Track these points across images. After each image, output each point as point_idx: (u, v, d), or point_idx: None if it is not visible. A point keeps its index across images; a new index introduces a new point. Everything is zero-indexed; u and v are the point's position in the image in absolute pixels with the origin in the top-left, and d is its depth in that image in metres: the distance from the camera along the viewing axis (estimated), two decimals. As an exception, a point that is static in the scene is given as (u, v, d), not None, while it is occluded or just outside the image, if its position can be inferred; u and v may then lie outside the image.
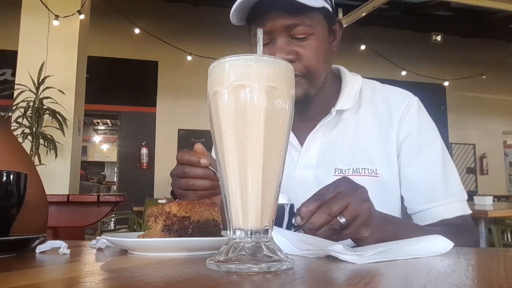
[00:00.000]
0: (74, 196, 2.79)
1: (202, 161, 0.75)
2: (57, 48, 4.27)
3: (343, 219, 0.61)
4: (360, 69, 1.28)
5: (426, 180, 0.89)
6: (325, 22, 0.89)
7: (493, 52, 8.59)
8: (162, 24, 7.24)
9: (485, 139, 9.41)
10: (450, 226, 0.86)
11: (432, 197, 0.88)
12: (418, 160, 0.90)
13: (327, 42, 0.91)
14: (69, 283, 0.37)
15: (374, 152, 0.91)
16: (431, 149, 0.92)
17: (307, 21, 0.84)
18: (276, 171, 0.48)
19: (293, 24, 0.84)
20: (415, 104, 0.94)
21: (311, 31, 0.85)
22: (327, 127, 0.95)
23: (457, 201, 0.89)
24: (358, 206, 0.62)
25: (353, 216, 0.62)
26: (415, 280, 0.39)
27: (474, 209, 3.50)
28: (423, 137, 0.92)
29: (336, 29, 0.95)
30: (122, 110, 7.78)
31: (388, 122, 0.93)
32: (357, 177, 0.89)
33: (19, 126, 3.88)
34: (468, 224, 0.89)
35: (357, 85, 0.97)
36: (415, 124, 0.92)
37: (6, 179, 0.62)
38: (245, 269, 0.42)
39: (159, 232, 0.59)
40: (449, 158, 0.94)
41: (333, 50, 0.95)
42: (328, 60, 0.92)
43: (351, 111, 0.95)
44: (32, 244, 0.59)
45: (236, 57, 0.46)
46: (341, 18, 5.68)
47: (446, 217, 0.87)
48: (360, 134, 0.93)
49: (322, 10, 0.87)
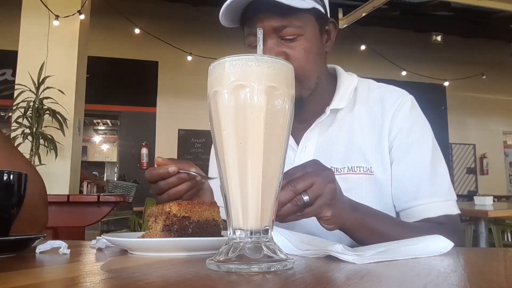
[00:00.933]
0: (74, 196, 2.79)
1: (170, 170, 0.77)
2: (57, 48, 4.27)
3: (307, 197, 0.63)
4: (360, 69, 1.28)
5: (413, 178, 0.89)
6: (316, 23, 0.89)
7: (493, 52, 8.59)
8: (162, 24, 7.24)
9: (485, 139, 9.41)
10: (431, 224, 0.86)
11: (417, 195, 0.88)
12: (406, 158, 0.90)
13: (319, 42, 0.91)
14: (69, 283, 0.37)
15: (369, 150, 0.91)
16: (421, 147, 0.91)
17: (296, 22, 0.85)
18: (276, 171, 0.48)
19: (282, 25, 0.84)
20: (408, 102, 0.94)
21: (300, 32, 0.85)
22: (322, 127, 0.96)
23: (443, 200, 0.89)
24: (322, 186, 0.64)
25: (316, 195, 0.64)
26: (415, 280, 0.39)
27: (474, 209, 3.51)
28: (413, 136, 0.91)
29: (330, 30, 0.95)
30: (122, 110, 7.78)
31: (382, 120, 0.93)
32: (352, 175, 0.90)
33: (19, 126, 3.88)
34: (453, 224, 0.88)
35: (352, 84, 0.97)
36: (407, 122, 0.92)
37: (6, 179, 0.62)
38: (245, 269, 0.42)
39: (159, 232, 0.59)
40: (439, 158, 0.93)
41: (326, 51, 0.95)
42: (320, 61, 0.92)
43: (346, 110, 0.96)
44: (32, 244, 0.59)
45: (236, 57, 0.46)
46: (341, 18, 5.68)
47: (430, 215, 0.87)
48: (355, 133, 0.93)
49: (312, 11, 0.87)
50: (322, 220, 0.67)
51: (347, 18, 5.63)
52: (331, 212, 0.66)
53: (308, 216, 0.65)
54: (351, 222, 0.71)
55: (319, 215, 0.66)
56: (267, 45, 0.86)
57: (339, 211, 0.68)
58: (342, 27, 5.69)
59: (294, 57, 0.85)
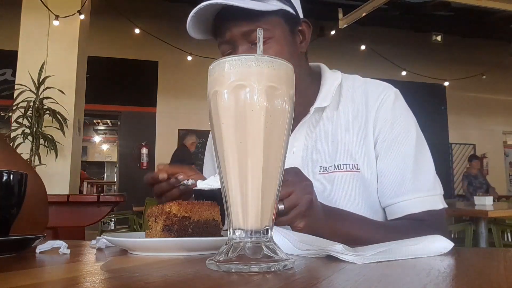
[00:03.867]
0: (74, 196, 2.79)
1: (160, 177, 0.84)
2: (57, 48, 4.27)
3: (282, 206, 0.64)
4: (360, 69, 1.28)
5: (396, 174, 0.89)
6: (285, 25, 0.89)
7: (493, 52, 8.59)
8: (162, 24, 7.24)
9: (485, 139, 9.42)
10: (412, 222, 0.86)
11: (399, 192, 0.88)
12: (390, 154, 0.90)
13: (291, 43, 0.90)
14: (69, 283, 0.37)
15: (354, 147, 0.91)
16: (405, 141, 0.90)
17: (264, 26, 0.83)
18: (276, 171, 0.48)
19: (249, 30, 0.85)
20: (392, 96, 0.93)
21: (269, 35, 0.85)
22: (309, 126, 0.96)
23: (426, 196, 0.88)
24: (299, 196, 0.65)
25: (292, 205, 0.65)
26: (415, 280, 0.39)
27: (474, 209, 3.51)
28: (396, 129, 0.90)
29: (303, 30, 0.94)
30: (122, 110, 7.79)
31: (366, 116, 0.92)
32: (339, 173, 0.89)
33: (19, 126, 3.89)
34: (436, 220, 0.87)
35: (336, 81, 0.97)
36: (389, 116, 0.91)
37: (6, 179, 0.62)
38: (245, 269, 0.42)
39: (159, 232, 0.59)
40: (424, 152, 0.92)
41: (302, 51, 0.95)
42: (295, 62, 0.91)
43: (331, 108, 0.95)
44: (32, 244, 0.59)
45: (236, 57, 0.46)
46: (341, 18, 5.68)
47: (412, 211, 0.87)
48: (340, 130, 0.93)
49: (280, 12, 0.87)
50: (295, 230, 0.68)
51: (347, 18, 5.64)
52: (304, 223, 0.68)
53: (281, 224, 0.66)
54: (323, 231, 0.70)
55: (292, 224, 0.68)
56: (239, 51, 0.87)
57: (312, 222, 0.69)
58: (342, 27, 5.69)
59: None
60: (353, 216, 0.83)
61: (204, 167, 1.14)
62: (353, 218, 0.82)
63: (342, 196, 0.87)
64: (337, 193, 0.88)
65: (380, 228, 0.84)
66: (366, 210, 0.88)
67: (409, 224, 0.85)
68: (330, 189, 0.73)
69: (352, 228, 0.78)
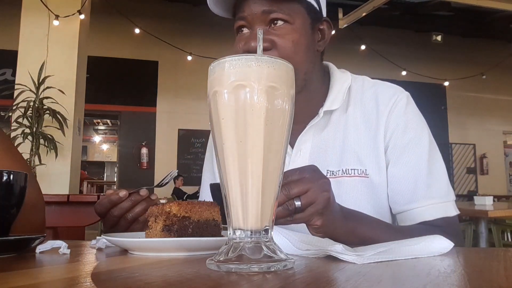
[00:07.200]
0: (74, 196, 2.79)
1: (121, 194, 0.79)
2: (57, 48, 4.28)
3: (299, 202, 0.63)
4: (360, 69, 1.27)
5: (409, 180, 0.87)
6: (307, 16, 0.87)
7: (493, 52, 8.59)
8: (162, 24, 7.25)
9: (485, 139, 9.42)
10: (427, 227, 0.84)
11: (413, 198, 0.86)
12: (402, 159, 0.88)
13: (309, 37, 0.88)
14: (69, 283, 0.37)
15: (363, 152, 0.89)
16: (417, 147, 0.89)
17: (285, 9, 0.83)
18: (276, 171, 0.48)
19: (270, 10, 0.83)
20: (403, 100, 0.91)
21: (288, 19, 0.84)
22: (316, 129, 0.93)
23: (440, 202, 0.86)
24: (316, 193, 0.63)
25: (309, 202, 0.63)
26: (415, 280, 0.39)
27: (474, 209, 3.51)
28: (409, 135, 0.89)
29: (324, 29, 0.93)
30: (122, 110, 7.79)
31: (376, 121, 0.91)
32: (347, 178, 0.87)
33: (19, 126, 3.89)
34: (451, 227, 0.86)
35: (346, 83, 0.95)
36: (402, 120, 0.89)
37: (6, 179, 0.62)
38: (245, 269, 0.42)
39: (159, 232, 0.59)
40: (436, 157, 0.90)
41: (319, 49, 0.92)
42: (309, 56, 0.89)
43: (340, 111, 0.93)
44: (32, 244, 0.59)
45: (236, 57, 0.46)
46: (341, 18, 5.68)
47: (427, 219, 0.85)
48: (349, 135, 0.91)
49: (304, 3, 0.86)
50: (312, 228, 0.67)
51: (347, 18, 5.64)
52: (321, 221, 0.66)
53: (298, 222, 0.65)
54: (341, 232, 0.69)
55: (309, 222, 0.66)
56: (255, 31, 0.84)
57: (330, 221, 0.67)
58: (342, 27, 5.69)
59: (281, 46, 0.83)
60: (371, 219, 0.80)
61: (204, 166, 1.14)
62: (374, 221, 0.80)
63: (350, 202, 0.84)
64: (344, 198, 0.85)
65: (398, 232, 0.82)
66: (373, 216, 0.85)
67: (426, 230, 0.82)
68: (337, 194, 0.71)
69: (373, 231, 0.76)
